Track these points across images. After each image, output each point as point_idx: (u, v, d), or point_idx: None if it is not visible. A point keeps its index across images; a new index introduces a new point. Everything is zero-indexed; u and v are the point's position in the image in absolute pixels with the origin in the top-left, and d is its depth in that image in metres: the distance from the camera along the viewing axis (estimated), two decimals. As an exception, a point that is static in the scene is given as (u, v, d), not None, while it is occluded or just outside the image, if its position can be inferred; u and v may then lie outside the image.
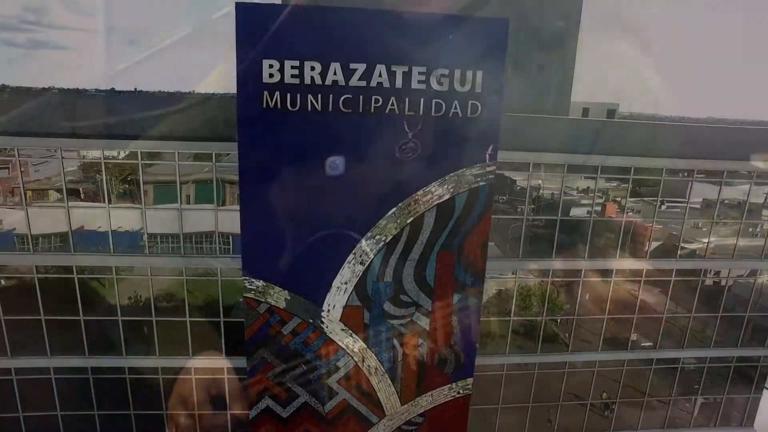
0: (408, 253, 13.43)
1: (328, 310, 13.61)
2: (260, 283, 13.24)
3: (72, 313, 16.46)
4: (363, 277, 13.44)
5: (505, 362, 18.76)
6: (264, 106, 12.23)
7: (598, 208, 17.43)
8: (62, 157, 15.10)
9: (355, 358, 14.12)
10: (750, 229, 18.75)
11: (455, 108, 12.56)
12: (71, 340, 16.57)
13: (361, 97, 12.33)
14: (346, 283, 13.44)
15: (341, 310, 13.66)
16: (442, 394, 14.72)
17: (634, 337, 19.10)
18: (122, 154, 15.60)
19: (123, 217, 15.93)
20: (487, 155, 13.00)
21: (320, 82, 12.26)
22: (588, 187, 17.70)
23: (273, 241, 13.10)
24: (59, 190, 16.12)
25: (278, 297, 13.45)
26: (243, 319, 13.92)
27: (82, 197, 16.11)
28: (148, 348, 16.71)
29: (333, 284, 13.42)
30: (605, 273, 17.66)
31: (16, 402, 17.05)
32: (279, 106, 12.20)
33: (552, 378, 18.96)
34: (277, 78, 12.10)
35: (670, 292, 18.62)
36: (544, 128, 15.81)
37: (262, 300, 13.38)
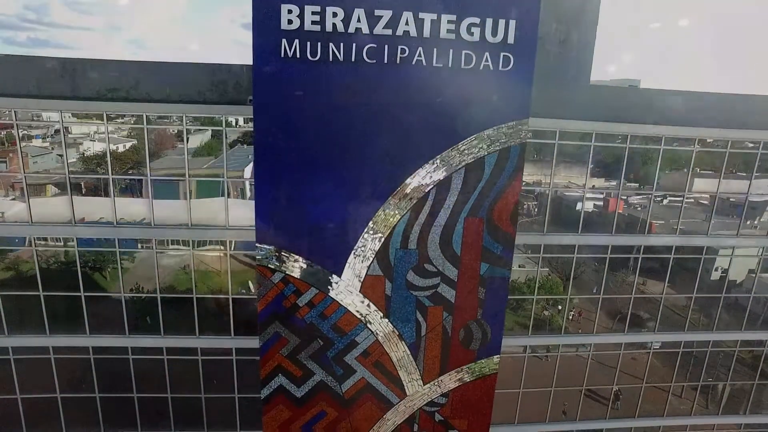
0: (434, 218, 12.52)
1: (348, 281, 12.70)
2: (273, 249, 12.35)
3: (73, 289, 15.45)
4: (385, 244, 12.52)
5: (528, 344, 17.91)
6: (282, 55, 11.33)
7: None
8: (62, 120, 14.20)
9: (375, 332, 13.18)
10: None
11: (486, 60, 11.71)
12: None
13: (386, 46, 11.46)
14: (366, 251, 12.54)
15: (361, 281, 12.72)
16: (467, 372, 13.81)
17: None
18: (126, 120, 14.71)
19: (125, 210, 15.08)
20: (517, 112, 12.19)
21: (342, 30, 11.39)
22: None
23: (288, 204, 12.14)
24: (57, 185, 15.29)
25: (293, 265, 12.50)
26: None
27: (83, 192, 15.26)
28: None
29: (353, 252, 12.50)
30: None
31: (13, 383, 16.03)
32: (298, 55, 11.30)
33: (575, 361, 18.03)
34: (296, 25, 11.22)
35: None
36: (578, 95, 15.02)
37: (276, 268, 12.48)
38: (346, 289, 12.70)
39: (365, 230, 12.34)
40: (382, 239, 12.45)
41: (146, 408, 16.76)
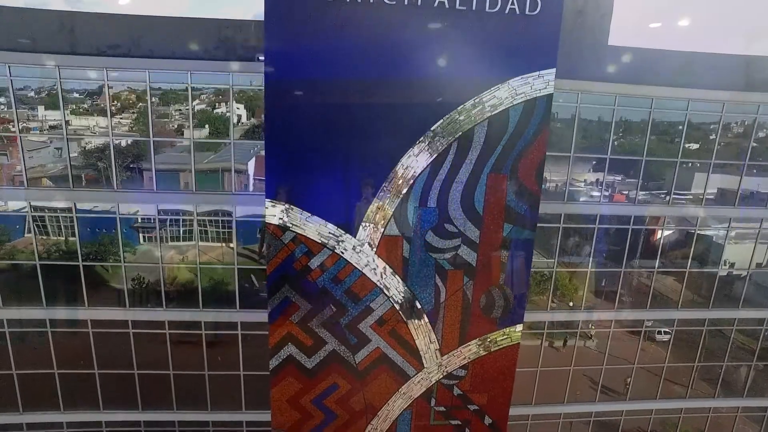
0: (455, 174, 11.78)
1: (363, 241, 11.94)
2: (284, 206, 11.60)
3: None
4: (403, 202, 11.77)
5: (548, 319, 17.16)
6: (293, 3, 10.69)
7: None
8: (60, 77, 13.48)
9: (391, 298, 12.41)
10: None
11: (512, 4, 11.03)
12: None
13: (406, -13, 10.84)
14: (383, 209, 11.80)
15: (378, 241, 11.97)
16: (488, 343, 13.03)
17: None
18: (128, 77, 13.95)
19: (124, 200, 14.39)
20: (544, 61, 11.48)
21: (359, -31, 10.78)
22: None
23: (300, 157, 11.38)
24: (51, 178, 14.60)
25: (305, 224, 11.76)
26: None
27: (84, 183, 14.54)
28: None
29: (369, 209, 11.77)
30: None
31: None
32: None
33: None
34: (309, -36, 10.59)
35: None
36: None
37: (287, 227, 11.72)
38: (361, 251, 11.94)
39: (382, 186, 11.59)
40: (400, 196, 11.71)
41: (148, 385, 15.98)
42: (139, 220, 15.19)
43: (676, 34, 15.67)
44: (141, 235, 15.46)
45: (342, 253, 11.92)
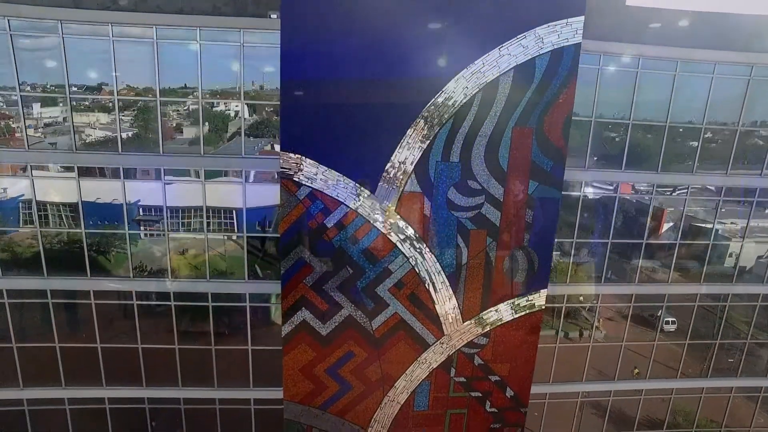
0: (478, 127, 11.21)
1: (383, 197, 11.35)
2: (300, 159, 11.02)
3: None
4: (425, 156, 11.17)
5: (566, 292, 16.57)
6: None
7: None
8: (62, 33, 12.89)
9: (411, 259, 11.85)
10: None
11: (540, -54, 10.56)
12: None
13: (429, -75, 10.31)
14: (404, 163, 11.23)
15: (397, 197, 11.40)
16: (511, 308, 12.47)
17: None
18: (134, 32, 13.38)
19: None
20: (571, 8, 10.94)
21: None
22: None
23: (317, 108, 10.83)
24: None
25: (322, 179, 11.17)
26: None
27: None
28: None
29: (389, 164, 11.19)
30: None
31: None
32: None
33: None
34: None
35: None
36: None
37: (303, 182, 11.14)
38: (381, 208, 11.34)
39: (403, 139, 11.03)
40: (422, 150, 11.14)
41: (152, 361, 15.35)
42: (140, 213, 14.67)
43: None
44: (142, 228, 14.93)
45: (360, 210, 11.35)
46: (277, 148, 14.77)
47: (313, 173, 10.96)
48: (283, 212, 11.14)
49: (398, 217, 11.38)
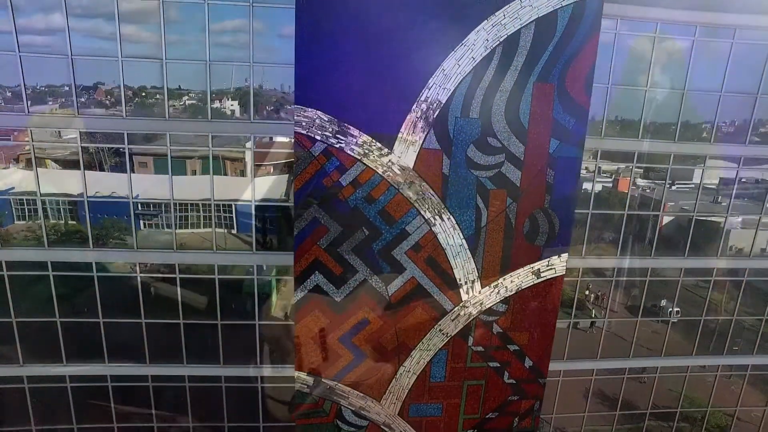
0: (499, 82, 10.84)
1: (400, 155, 10.97)
2: (315, 114, 10.61)
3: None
4: (443, 111, 10.81)
5: (581, 266, 16.22)
6: None
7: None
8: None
9: (429, 220, 11.44)
10: None
11: None
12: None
13: None
14: (422, 119, 10.85)
15: (415, 155, 10.99)
16: (531, 273, 12.07)
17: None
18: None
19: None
20: (597, -39, 10.62)
21: None
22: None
23: (333, 59, 10.37)
24: (56, 161, 13.64)
25: (338, 134, 10.77)
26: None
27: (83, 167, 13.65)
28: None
29: (407, 119, 10.81)
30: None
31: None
32: None
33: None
34: None
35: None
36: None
37: (318, 137, 10.73)
38: (398, 165, 10.93)
39: (421, 93, 10.66)
40: (441, 105, 10.77)
41: (156, 335, 14.84)
42: (140, 207, 14.25)
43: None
44: (142, 221, 14.51)
45: (377, 167, 10.94)
46: (276, 139, 14.66)
47: (328, 128, 10.57)
48: (297, 169, 10.73)
49: (416, 174, 11.00)
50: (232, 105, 13.99)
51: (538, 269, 11.96)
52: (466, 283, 11.84)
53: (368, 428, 12.80)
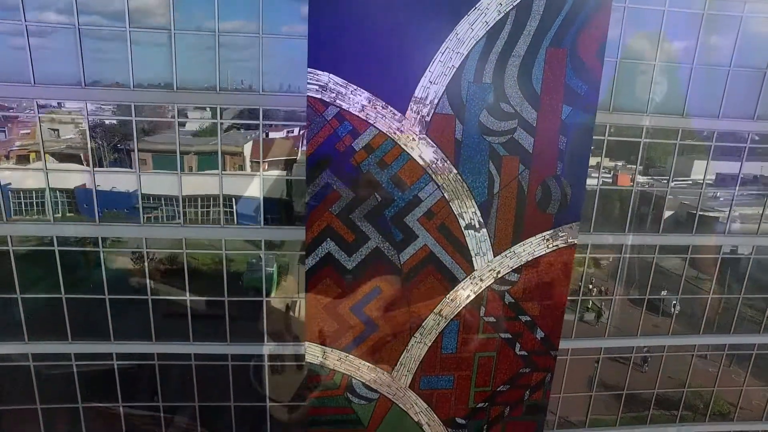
0: (512, 47, 10.81)
1: (413, 119, 10.92)
2: (327, 78, 10.54)
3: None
4: (457, 76, 10.73)
5: (590, 242, 16.19)
6: None
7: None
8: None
9: (441, 187, 11.38)
10: None
11: None
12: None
13: None
14: (435, 83, 10.78)
15: (428, 120, 10.94)
16: (543, 242, 12.01)
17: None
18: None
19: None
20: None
21: None
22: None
23: (346, 23, 10.37)
24: (53, 155, 13.53)
25: (351, 98, 10.69)
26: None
27: (83, 163, 13.62)
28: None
29: (420, 84, 10.74)
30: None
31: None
32: None
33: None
34: None
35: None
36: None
37: (331, 101, 10.66)
38: (411, 130, 10.91)
39: (434, 57, 10.60)
40: (454, 70, 10.72)
41: (161, 311, 14.70)
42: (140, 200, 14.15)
43: None
44: (143, 215, 14.43)
45: (389, 132, 10.88)
46: (272, 135, 14.49)
47: (342, 92, 10.49)
48: (309, 132, 10.65)
49: (429, 140, 10.95)
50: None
51: (550, 238, 11.92)
52: (478, 252, 11.78)
53: (378, 401, 12.74)
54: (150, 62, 13.18)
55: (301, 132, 14.26)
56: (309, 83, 10.38)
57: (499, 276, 12.03)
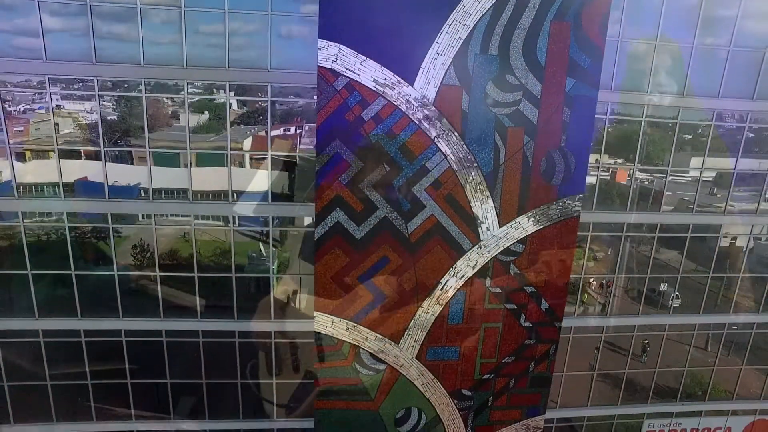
0: (517, 20, 11.06)
1: (421, 90, 11.13)
2: (337, 49, 10.77)
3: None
4: (464, 48, 11.00)
5: (592, 220, 16.43)
6: None
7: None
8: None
9: (448, 156, 11.61)
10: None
11: None
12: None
13: None
14: (443, 55, 11.02)
15: (435, 91, 11.18)
16: (548, 213, 12.25)
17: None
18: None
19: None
20: None
21: None
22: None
23: (356, -5, 10.69)
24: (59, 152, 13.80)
25: (360, 69, 10.92)
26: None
27: (83, 158, 14.01)
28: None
29: (428, 55, 10.97)
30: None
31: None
32: None
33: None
34: None
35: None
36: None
37: (341, 71, 10.88)
38: (419, 101, 11.12)
39: (441, 28, 10.83)
40: (461, 41, 10.97)
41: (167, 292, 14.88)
42: (142, 194, 14.35)
43: None
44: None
45: (398, 102, 11.12)
46: (272, 132, 14.66)
47: (352, 63, 10.73)
48: (320, 103, 10.87)
49: (437, 110, 11.18)
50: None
51: (554, 209, 12.16)
52: (484, 222, 12.01)
53: (386, 372, 12.93)
54: (160, 40, 13.53)
55: (298, 131, 14.93)
56: (320, 54, 10.63)
57: (505, 247, 12.28)
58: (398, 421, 13.58)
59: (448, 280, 12.36)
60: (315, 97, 11.54)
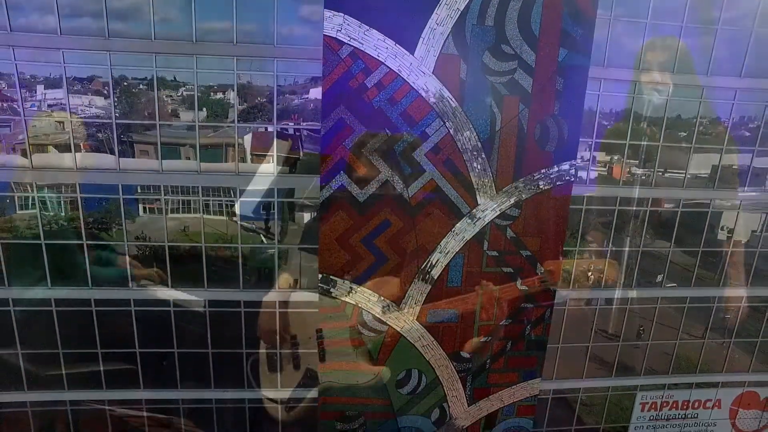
0: (512, -8, 11.77)
1: (421, 59, 11.72)
2: (342, 19, 11.36)
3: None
4: (462, 19, 11.63)
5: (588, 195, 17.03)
6: None
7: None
8: None
9: (447, 123, 12.18)
10: None
11: None
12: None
13: None
14: (441, 25, 11.63)
15: (435, 59, 11.77)
16: (542, 179, 12.82)
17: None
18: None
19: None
20: None
21: None
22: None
23: (359, -33, 11.28)
24: (57, 146, 14.29)
25: (364, 37, 11.50)
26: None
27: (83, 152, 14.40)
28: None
29: (427, 25, 11.59)
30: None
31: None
32: None
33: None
34: None
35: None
36: None
37: (345, 40, 11.46)
38: (419, 69, 11.70)
39: (441, 0, 11.46)
40: (459, 12, 11.57)
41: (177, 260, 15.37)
42: (139, 190, 14.87)
43: None
44: (141, 206, 15.17)
45: (399, 70, 11.70)
46: (270, 128, 15.21)
47: (356, 32, 11.31)
48: (325, 70, 11.44)
49: (436, 79, 11.76)
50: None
51: (548, 174, 12.73)
52: (481, 186, 12.57)
53: (387, 333, 13.43)
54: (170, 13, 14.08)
55: (296, 132, 15.46)
56: (325, 24, 11.20)
57: (501, 211, 12.84)
58: (399, 383, 14.10)
59: (447, 243, 12.93)
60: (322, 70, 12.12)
